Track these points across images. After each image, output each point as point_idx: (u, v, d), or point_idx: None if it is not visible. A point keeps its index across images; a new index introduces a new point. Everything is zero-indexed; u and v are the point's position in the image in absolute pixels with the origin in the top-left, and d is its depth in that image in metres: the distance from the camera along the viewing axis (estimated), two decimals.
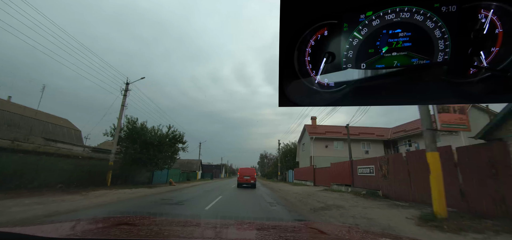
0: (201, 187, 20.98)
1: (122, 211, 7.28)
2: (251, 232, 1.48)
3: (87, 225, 1.31)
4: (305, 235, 1.42)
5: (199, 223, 1.61)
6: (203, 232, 1.33)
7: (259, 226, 1.66)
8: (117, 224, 1.40)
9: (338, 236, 1.41)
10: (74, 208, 7.44)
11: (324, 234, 1.44)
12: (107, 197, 10.49)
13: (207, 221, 1.80)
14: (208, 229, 1.42)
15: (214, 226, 1.53)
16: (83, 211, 7.31)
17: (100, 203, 8.91)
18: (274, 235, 1.32)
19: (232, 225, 1.71)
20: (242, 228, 1.61)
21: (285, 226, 1.71)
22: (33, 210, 6.53)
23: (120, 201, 9.88)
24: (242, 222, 1.85)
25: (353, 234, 1.52)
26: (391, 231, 5.31)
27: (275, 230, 1.50)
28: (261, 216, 7.01)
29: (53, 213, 6.54)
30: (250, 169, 22.69)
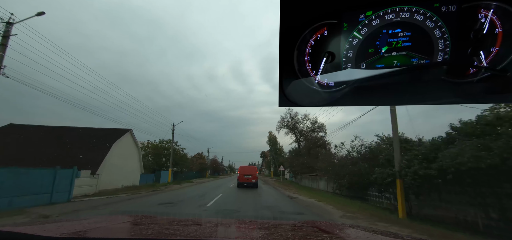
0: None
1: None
2: (252, 231, 1.49)
3: (88, 224, 1.31)
4: (306, 234, 1.43)
5: (200, 222, 1.62)
6: (204, 231, 1.35)
7: (261, 225, 1.67)
8: (119, 223, 1.42)
9: (339, 234, 1.42)
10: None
11: (325, 232, 1.45)
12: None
13: (209, 220, 1.81)
14: (210, 228, 1.43)
15: (215, 225, 1.54)
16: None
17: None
18: (275, 234, 1.33)
19: (233, 224, 1.72)
20: (243, 227, 1.61)
21: (286, 225, 1.71)
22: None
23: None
24: (243, 221, 1.85)
25: (353, 233, 1.53)
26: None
27: (276, 229, 1.51)
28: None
29: None
30: (251, 167, 21.66)
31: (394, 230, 6.15)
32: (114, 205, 10.09)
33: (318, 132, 37.73)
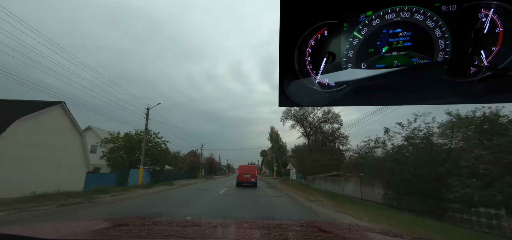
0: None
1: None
2: (252, 232, 1.48)
3: (87, 225, 1.32)
4: (306, 234, 1.44)
5: (200, 223, 1.64)
6: (204, 232, 1.36)
7: (260, 226, 1.67)
8: (118, 225, 1.40)
9: (339, 234, 1.44)
10: None
11: (325, 232, 1.47)
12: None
13: (208, 221, 1.82)
14: (209, 229, 1.44)
15: (215, 226, 1.57)
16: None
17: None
18: (275, 234, 1.34)
19: (233, 224, 1.72)
20: (243, 227, 1.60)
21: (286, 225, 1.73)
22: None
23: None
24: (243, 221, 1.85)
25: (353, 233, 1.54)
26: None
27: (276, 229, 1.52)
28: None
29: None
30: (251, 166, 21.09)
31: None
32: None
33: (332, 123, 30.94)
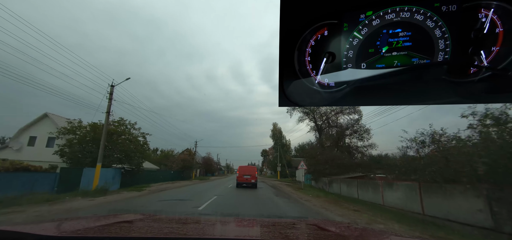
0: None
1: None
2: (251, 229, 1.50)
3: (88, 223, 1.33)
4: (304, 232, 1.44)
5: (199, 221, 1.64)
6: (203, 229, 1.37)
7: (259, 223, 1.67)
8: (118, 222, 1.41)
9: (337, 232, 1.44)
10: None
11: (323, 230, 1.47)
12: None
13: (207, 218, 1.82)
14: (209, 226, 1.45)
15: (214, 223, 1.57)
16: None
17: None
18: (274, 231, 1.36)
19: (232, 222, 1.72)
20: (242, 225, 1.62)
21: (285, 223, 1.73)
22: None
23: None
24: (242, 219, 1.86)
25: (351, 231, 1.54)
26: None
27: (274, 227, 1.53)
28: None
29: None
30: (251, 167, 21.35)
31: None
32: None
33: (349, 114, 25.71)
